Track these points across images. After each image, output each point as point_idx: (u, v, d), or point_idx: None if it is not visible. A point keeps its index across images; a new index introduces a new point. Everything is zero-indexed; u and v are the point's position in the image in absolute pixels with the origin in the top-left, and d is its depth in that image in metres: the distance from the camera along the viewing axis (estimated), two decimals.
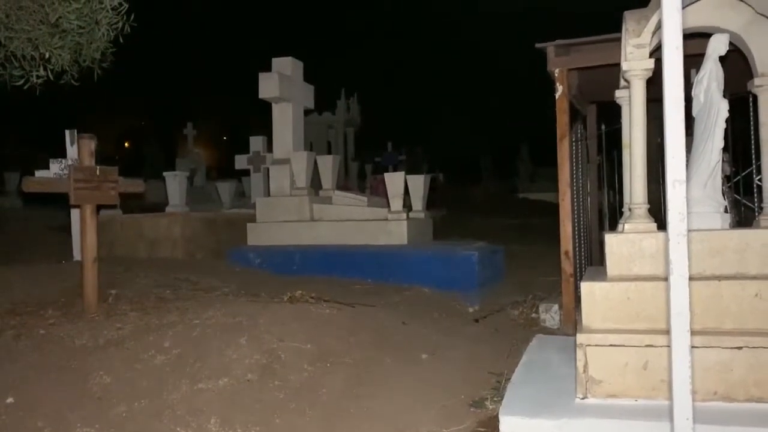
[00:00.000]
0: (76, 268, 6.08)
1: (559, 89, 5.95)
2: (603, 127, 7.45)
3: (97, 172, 5.49)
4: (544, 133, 6.02)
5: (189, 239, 8.72)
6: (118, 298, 5.83)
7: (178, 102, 28.76)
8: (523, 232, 13.33)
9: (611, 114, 6.40)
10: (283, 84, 9.19)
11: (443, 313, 6.37)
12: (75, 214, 7.22)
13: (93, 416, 3.69)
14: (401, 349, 4.78)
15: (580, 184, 6.82)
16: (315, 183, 9.51)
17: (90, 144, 5.56)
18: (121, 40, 5.77)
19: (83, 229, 5.48)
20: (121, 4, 5.52)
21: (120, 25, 5.65)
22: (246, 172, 13.75)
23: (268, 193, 9.85)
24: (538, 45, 6.03)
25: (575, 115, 7.16)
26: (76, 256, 7.25)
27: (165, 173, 9.89)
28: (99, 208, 5.85)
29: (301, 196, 8.95)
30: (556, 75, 5.96)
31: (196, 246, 8.72)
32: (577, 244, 6.50)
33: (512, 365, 4.27)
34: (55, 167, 7.45)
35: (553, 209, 6.24)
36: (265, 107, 9.68)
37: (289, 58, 9.53)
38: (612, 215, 7.37)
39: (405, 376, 4.29)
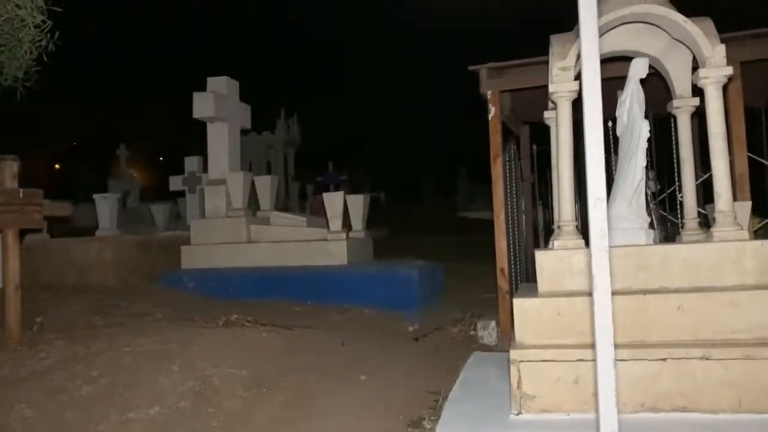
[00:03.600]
0: None
1: (492, 110, 6.09)
2: (535, 147, 7.66)
3: (20, 195, 5.28)
4: (482, 153, 6.15)
5: (120, 263, 8.43)
6: (43, 326, 5.59)
7: (111, 122, 27.98)
8: (462, 250, 13.48)
9: (544, 134, 6.59)
10: (218, 103, 9.07)
11: (383, 332, 6.35)
12: None
13: None
14: (340, 371, 4.73)
15: (515, 203, 6.97)
16: (253, 204, 9.38)
17: (12, 166, 5.34)
18: (45, 59, 5.58)
19: (5, 255, 5.24)
20: (44, 22, 5.35)
21: (44, 43, 5.47)
22: (182, 194, 13.45)
23: (203, 215, 9.65)
24: (471, 67, 6.16)
25: (509, 135, 7.33)
26: None
27: (95, 195, 9.57)
28: (24, 232, 5.60)
29: (237, 217, 8.81)
30: (489, 97, 6.10)
31: (128, 270, 8.43)
32: (513, 261, 6.62)
33: (450, 383, 4.28)
34: None
35: (492, 227, 6.35)
36: (202, 127, 9.53)
37: (225, 77, 9.43)
38: (547, 232, 7.54)
39: (343, 399, 4.24)
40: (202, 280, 8.07)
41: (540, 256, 3.89)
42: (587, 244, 3.73)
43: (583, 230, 4.04)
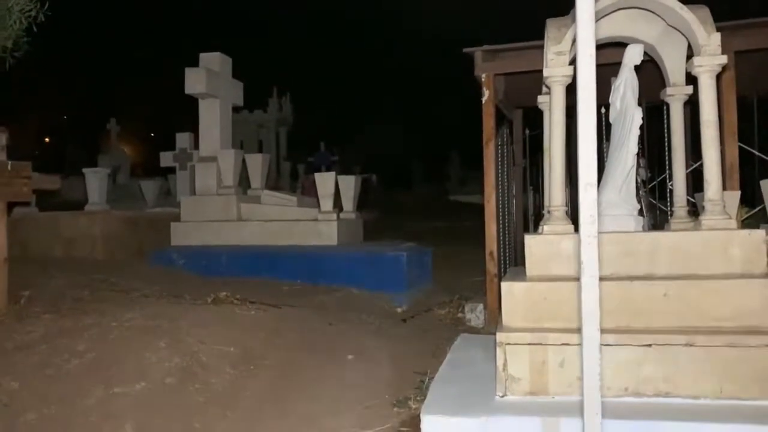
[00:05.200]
0: None
1: (486, 94, 6.08)
2: (527, 131, 7.65)
3: (8, 168, 5.23)
4: (475, 136, 6.16)
5: (109, 239, 8.39)
6: (31, 300, 5.56)
7: (101, 96, 27.72)
8: (452, 234, 13.52)
9: (537, 119, 6.59)
10: (210, 80, 8.99)
11: (371, 313, 6.37)
12: None
13: None
14: (327, 351, 4.75)
15: (506, 187, 6.98)
16: (243, 182, 9.34)
17: (0, 138, 5.28)
18: (35, 29, 5.50)
19: None
20: None
21: (33, 13, 5.38)
22: (172, 170, 13.37)
23: (194, 192, 9.60)
24: (466, 50, 6.14)
25: (502, 119, 7.33)
26: None
27: (85, 170, 9.49)
28: (11, 205, 5.56)
29: (228, 195, 8.77)
30: (483, 80, 6.08)
31: (117, 246, 8.40)
32: (502, 246, 6.65)
33: (437, 364, 4.31)
34: None
35: (482, 211, 6.37)
36: (194, 103, 9.45)
37: (218, 53, 9.34)
38: (537, 217, 7.56)
39: (330, 378, 4.27)
40: (191, 258, 8.05)
41: (529, 240, 3.90)
42: (577, 229, 3.75)
43: (573, 216, 4.05)
